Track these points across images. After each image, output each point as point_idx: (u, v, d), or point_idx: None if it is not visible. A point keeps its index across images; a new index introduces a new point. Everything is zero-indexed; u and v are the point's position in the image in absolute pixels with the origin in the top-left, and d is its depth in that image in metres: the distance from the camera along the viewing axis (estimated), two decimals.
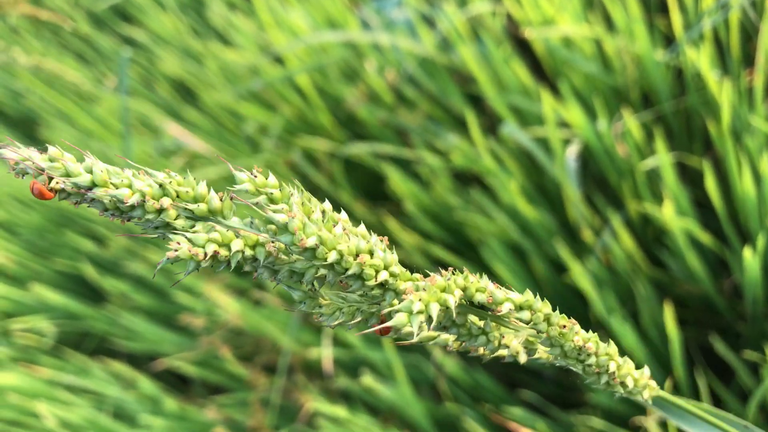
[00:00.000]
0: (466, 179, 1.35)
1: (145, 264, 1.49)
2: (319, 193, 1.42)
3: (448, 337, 0.38)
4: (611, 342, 0.38)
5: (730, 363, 1.04)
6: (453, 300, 0.33)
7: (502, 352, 0.38)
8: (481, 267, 1.20)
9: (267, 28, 1.46)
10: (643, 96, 1.31)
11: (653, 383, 0.40)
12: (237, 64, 1.53)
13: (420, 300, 0.32)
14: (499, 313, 0.35)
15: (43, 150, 0.32)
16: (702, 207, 1.19)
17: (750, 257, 0.90)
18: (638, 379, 0.39)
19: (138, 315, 1.47)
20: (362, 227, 0.35)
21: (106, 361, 1.46)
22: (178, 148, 1.51)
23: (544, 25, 1.29)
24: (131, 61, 1.74)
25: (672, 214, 0.96)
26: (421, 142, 1.32)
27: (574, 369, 0.38)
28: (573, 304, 1.18)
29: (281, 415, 1.30)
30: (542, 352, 0.39)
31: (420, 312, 0.32)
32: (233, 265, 0.32)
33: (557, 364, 0.39)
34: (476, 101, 1.43)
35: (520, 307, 0.35)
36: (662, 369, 1.08)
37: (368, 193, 1.41)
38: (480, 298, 0.35)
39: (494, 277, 1.21)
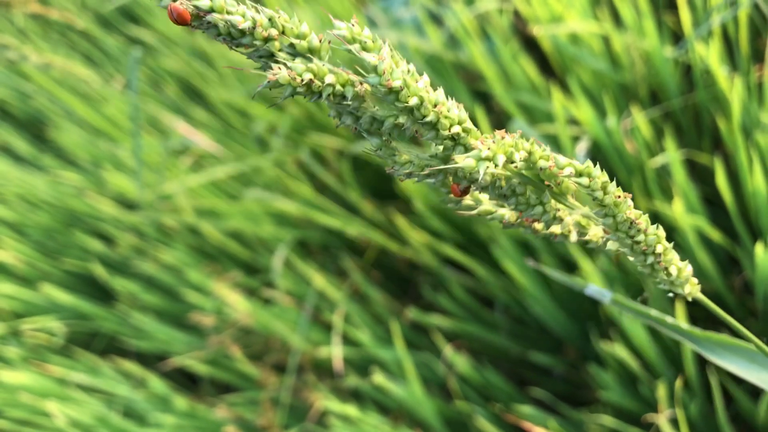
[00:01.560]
0: None
1: (155, 264, 1.49)
2: (327, 193, 1.42)
3: (505, 212, 0.40)
4: (659, 226, 0.39)
5: None
6: (519, 156, 0.35)
7: (555, 228, 0.40)
8: (492, 265, 1.20)
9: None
10: (652, 93, 1.31)
11: (695, 280, 0.41)
12: (245, 63, 1.53)
13: (489, 149, 0.34)
14: (561, 175, 0.36)
15: None
16: (711, 204, 1.19)
17: (762, 254, 0.90)
18: (681, 269, 0.40)
19: (147, 314, 1.48)
20: (441, 91, 0.36)
21: (116, 361, 1.47)
22: (187, 148, 1.51)
23: (552, 22, 1.29)
24: (139, 62, 1.75)
25: (682, 212, 0.96)
26: None
27: (622, 247, 0.39)
28: (583, 302, 1.18)
29: (291, 414, 1.30)
30: (593, 235, 0.40)
31: (488, 159, 0.33)
32: (324, 96, 0.34)
33: (606, 245, 0.39)
34: (484, 99, 1.43)
35: (580, 174, 0.37)
36: (673, 367, 1.08)
37: (377, 191, 1.41)
38: (543, 163, 0.36)
39: (505, 275, 1.21)
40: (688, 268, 0.41)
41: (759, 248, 0.89)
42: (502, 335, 1.24)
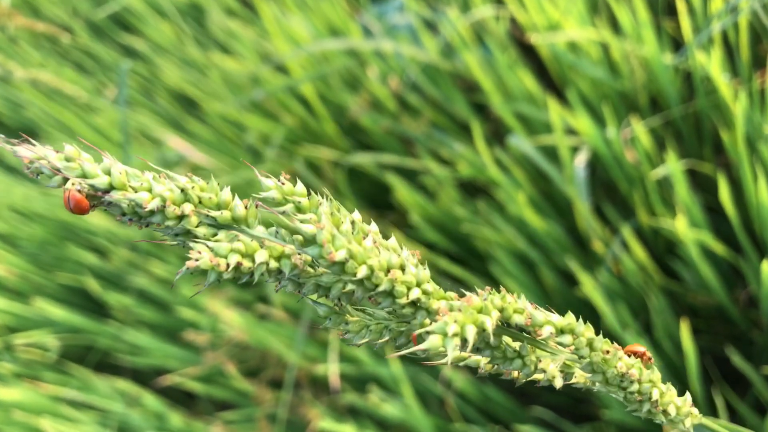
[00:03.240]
0: (473, 189, 1.33)
1: (149, 277, 1.47)
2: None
3: (480, 359, 0.36)
4: (654, 368, 0.36)
5: (746, 374, 1.02)
6: (490, 322, 0.31)
7: (538, 376, 0.36)
8: (489, 279, 1.17)
9: (271, 37, 1.44)
10: (652, 100, 1.29)
11: (695, 410, 0.38)
12: (238, 73, 1.51)
13: (455, 321, 0.30)
14: (539, 337, 0.32)
15: (59, 149, 0.30)
16: (714, 212, 1.16)
17: None
18: (681, 407, 0.37)
19: (142, 329, 1.45)
20: (393, 240, 0.32)
21: (110, 377, 1.44)
22: (181, 159, 1.49)
23: (550, 30, 1.26)
24: (131, 71, 1.72)
25: (685, 227, 0.94)
26: (426, 151, 1.30)
27: (615, 396, 0.36)
28: (585, 316, 1.16)
29: (288, 431, 1.28)
30: (580, 377, 0.37)
31: (455, 334, 0.29)
32: (257, 277, 0.31)
33: (595, 390, 0.36)
34: (481, 108, 1.41)
35: (561, 331, 0.33)
36: (677, 381, 1.06)
37: (373, 202, 1.39)
38: (518, 319, 0.33)
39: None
40: (687, 400, 0.38)
41: (765, 266, 0.87)
42: None
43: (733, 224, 0.98)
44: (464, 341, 0.30)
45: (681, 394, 0.39)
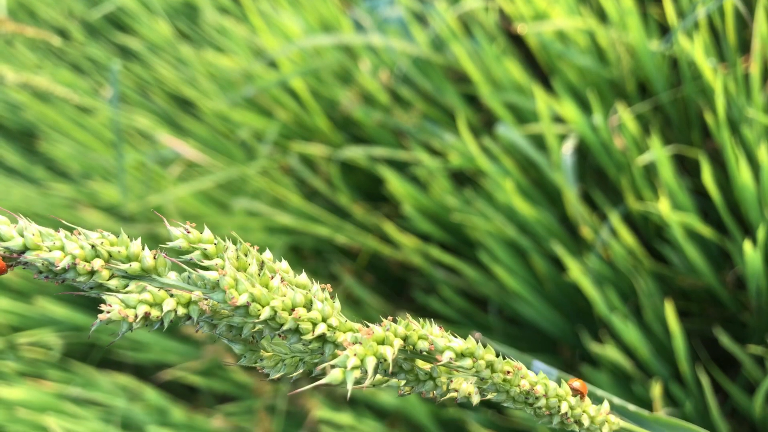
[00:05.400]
0: (465, 179, 1.34)
1: None
2: (317, 197, 1.41)
3: (399, 381, 0.38)
4: (563, 382, 0.38)
5: (736, 355, 1.03)
6: (391, 352, 0.33)
7: (453, 394, 0.38)
8: (481, 267, 1.19)
9: (259, 33, 1.45)
10: (640, 87, 1.30)
11: (613, 418, 0.39)
12: (231, 70, 1.52)
13: (355, 355, 0.32)
14: (440, 362, 0.34)
15: None
16: (703, 196, 1.18)
17: (750, 251, 0.89)
18: (595, 416, 0.39)
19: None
20: (303, 276, 0.34)
21: (112, 373, 1.46)
22: (177, 156, 1.50)
23: (537, 20, 1.27)
24: (126, 71, 1.74)
25: (668, 210, 0.95)
26: (418, 143, 1.31)
27: (524, 411, 0.38)
28: (576, 300, 1.17)
29: (287, 422, 1.30)
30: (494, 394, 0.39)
31: (355, 367, 0.31)
32: (166, 324, 0.32)
33: (506, 405, 0.38)
34: (472, 99, 1.42)
35: (462, 355, 0.35)
36: (667, 364, 1.07)
37: (367, 195, 1.40)
38: (422, 345, 0.34)
39: (494, 277, 1.21)
40: (604, 407, 0.39)
41: (747, 245, 0.89)
42: (496, 337, 1.23)
43: (717, 205, 0.99)
44: (365, 372, 0.32)
45: (674, 377, 0.40)
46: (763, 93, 1.10)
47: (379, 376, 0.38)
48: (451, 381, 0.37)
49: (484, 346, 0.36)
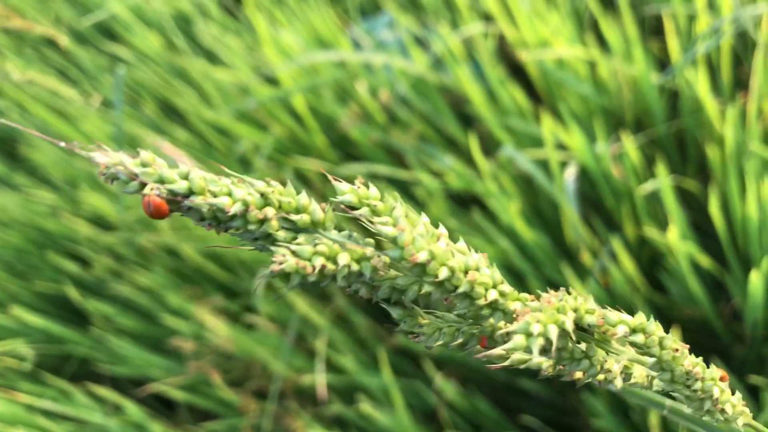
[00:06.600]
0: (462, 201, 1.34)
1: (132, 286, 1.45)
2: None
3: (541, 361, 0.37)
4: (713, 366, 0.37)
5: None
6: (569, 322, 0.31)
7: (600, 376, 0.36)
8: None
9: (263, 46, 1.44)
10: (637, 119, 1.32)
11: (747, 410, 0.39)
12: (227, 83, 1.51)
13: (538, 321, 0.30)
14: (613, 336, 0.33)
15: (134, 155, 0.30)
16: (698, 229, 1.19)
17: (757, 281, 0.90)
18: (735, 406, 0.38)
19: (123, 338, 1.43)
20: (462, 243, 0.33)
21: (89, 386, 1.42)
22: (172, 166, 1.48)
23: (540, 47, 1.29)
24: (123, 80, 1.71)
25: (677, 239, 0.96)
26: (417, 163, 1.31)
27: (678, 395, 0.37)
28: None
29: None
30: (639, 377, 0.38)
31: (540, 334, 0.30)
32: (339, 280, 0.30)
33: (653, 390, 0.37)
34: (469, 122, 1.42)
35: (633, 330, 0.33)
36: None
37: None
38: (590, 320, 0.33)
39: None
40: (740, 398, 0.39)
41: (754, 275, 0.89)
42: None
43: (721, 237, 1.00)
44: (548, 341, 0.30)
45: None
46: (759, 127, 1.12)
47: (522, 356, 0.37)
48: (605, 361, 0.36)
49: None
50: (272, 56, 1.43)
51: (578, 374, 0.36)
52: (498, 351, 0.30)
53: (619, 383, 0.36)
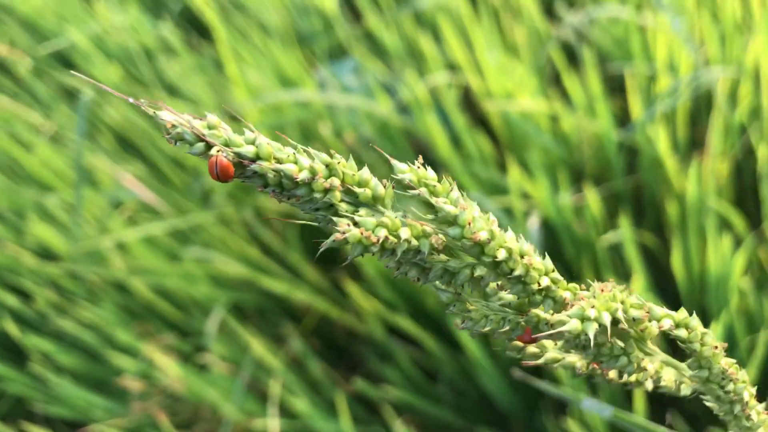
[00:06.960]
0: None
1: (76, 322, 1.39)
2: (270, 254, 1.37)
3: (575, 360, 0.36)
4: (745, 370, 0.37)
5: None
6: (621, 312, 0.32)
7: (633, 377, 0.36)
8: (445, 339, 1.17)
9: (230, 83, 1.43)
10: (597, 172, 1.35)
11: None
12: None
13: (593, 307, 0.31)
14: (660, 329, 0.33)
15: (200, 117, 0.30)
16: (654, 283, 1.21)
17: (715, 333, 0.91)
18: (760, 413, 0.38)
19: (64, 377, 1.36)
20: (510, 233, 0.32)
21: (23, 425, 1.34)
22: (120, 202, 1.44)
23: (505, 98, 1.31)
24: (71, 110, 1.67)
25: (642, 288, 0.97)
26: None
27: (708, 396, 0.36)
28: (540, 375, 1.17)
29: None
30: (667, 379, 0.37)
31: (595, 319, 0.30)
32: (398, 254, 0.30)
33: (680, 389, 0.37)
34: (434, 167, 1.43)
35: (677, 325, 0.34)
36: None
37: (324, 256, 1.37)
38: (635, 313, 0.33)
39: (453, 347, 1.19)
40: (764, 410, 0.39)
41: (713, 328, 0.91)
42: (446, 408, 1.20)
43: (681, 289, 1.02)
44: (603, 328, 0.31)
45: None
46: (715, 184, 1.16)
47: (555, 354, 0.36)
48: (642, 359, 0.35)
49: None
50: (238, 93, 1.42)
51: (612, 373, 0.36)
52: (562, 330, 0.30)
53: (650, 385, 0.36)
